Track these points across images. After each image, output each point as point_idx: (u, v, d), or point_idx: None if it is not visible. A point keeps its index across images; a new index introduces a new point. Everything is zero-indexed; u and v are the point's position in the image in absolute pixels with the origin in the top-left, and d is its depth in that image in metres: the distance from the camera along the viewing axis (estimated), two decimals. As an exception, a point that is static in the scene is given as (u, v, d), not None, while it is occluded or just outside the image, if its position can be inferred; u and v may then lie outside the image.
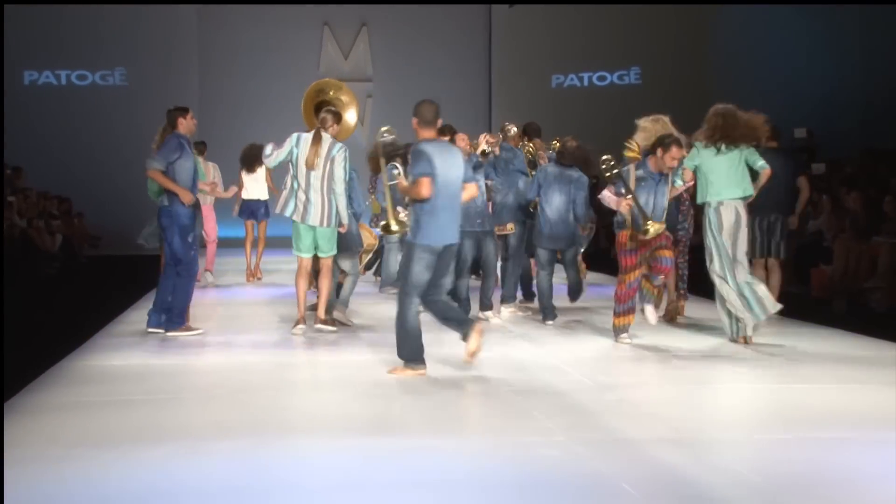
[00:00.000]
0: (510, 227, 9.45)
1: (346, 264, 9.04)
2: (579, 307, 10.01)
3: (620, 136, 8.82)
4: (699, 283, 9.46)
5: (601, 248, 14.85)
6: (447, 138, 8.41)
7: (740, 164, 8.00)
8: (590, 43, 19.86)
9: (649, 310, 8.04)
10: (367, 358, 7.52)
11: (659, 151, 7.85)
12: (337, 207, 8.29)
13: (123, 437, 5.14)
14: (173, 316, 8.34)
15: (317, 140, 8.23)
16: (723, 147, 7.99)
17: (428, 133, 6.73)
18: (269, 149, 8.33)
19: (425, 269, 6.57)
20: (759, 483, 4.35)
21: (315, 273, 8.76)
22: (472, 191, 6.81)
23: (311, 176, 8.20)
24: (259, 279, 13.03)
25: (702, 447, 4.90)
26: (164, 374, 6.84)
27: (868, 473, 4.51)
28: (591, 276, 11.90)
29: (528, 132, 10.22)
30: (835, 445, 4.98)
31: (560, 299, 9.60)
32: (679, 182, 8.04)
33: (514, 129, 9.73)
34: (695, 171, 8.01)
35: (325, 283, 8.43)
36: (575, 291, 9.53)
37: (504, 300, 9.63)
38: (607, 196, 7.96)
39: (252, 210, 13.01)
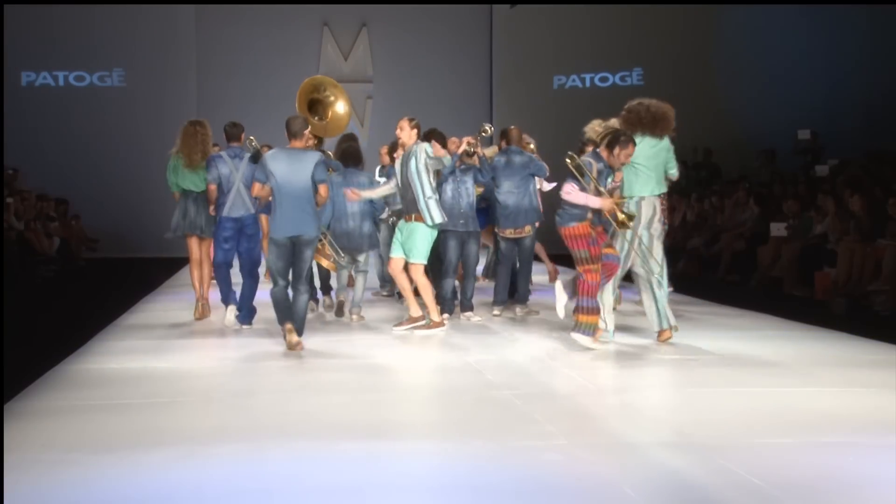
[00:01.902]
0: (528, 230, 9.58)
1: (360, 260, 9.25)
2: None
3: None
4: (683, 281, 9.50)
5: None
6: (430, 142, 8.77)
7: (658, 158, 7.98)
8: (592, 43, 19.85)
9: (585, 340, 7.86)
10: (367, 362, 7.52)
11: (617, 148, 7.76)
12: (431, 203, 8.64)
13: (121, 442, 5.14)
14: (248, 311, 9.09)
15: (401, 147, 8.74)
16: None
17: (294, 143, 7.97)
18: (381, 181, 9.27)
19: (277, 258, 7.90)
20: (763, 488, 4.35)
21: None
22: (322, 192, 7.96)
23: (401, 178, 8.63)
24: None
25: (705, 451, 4.90)
26: (162, 378, 6.84)
27: (872, 478, 4.51)
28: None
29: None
30: (839, 450, 4.98)
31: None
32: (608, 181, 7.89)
33: (489, 129, 9.66)
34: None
35: (425, 289, 8.71)
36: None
37: (518, 301, 9.73)
38: (583, 195, 7.70)
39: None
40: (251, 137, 9.18)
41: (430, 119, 18.23)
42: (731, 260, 13.59)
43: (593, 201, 7.68)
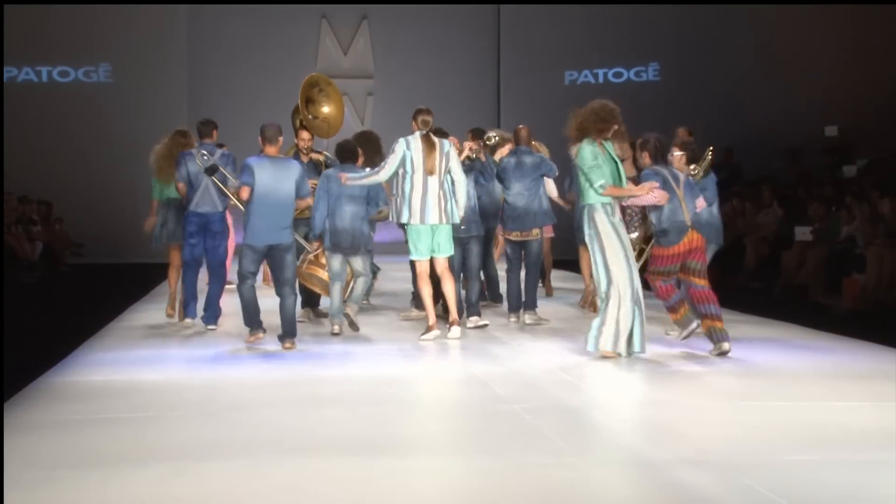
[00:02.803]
0: (535, 233, 9.71)
1: (357, 263, 9.24)
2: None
3: (636, 136, 8.85)
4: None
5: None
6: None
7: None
8: (606, 37, 19.85)
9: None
10: (368, 373, 7.52)
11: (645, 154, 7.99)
12: (455, 202, 8.82)
13: (107, 458, 5.14)
14: (214, 312, 9.50)
15: (430, 144, 8.75)
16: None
17: (269, 150, 8.43)
18: (367, 171, 9.02)
19: (251, 262, 8.39)
20: (788, 507, 4.34)
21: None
22: (310, 202, 8.64)
23: (429, 180, 8.70)
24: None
25: (727, 469, 4.89)
26: (150, 391, 6.85)
27: (904, 497, 4.49)
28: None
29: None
30: (869, 468, 4.96)
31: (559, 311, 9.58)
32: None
33: (494, 137, 9.78)
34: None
35: (451, 286, 8.87)
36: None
37: (527, 307, 9.81)
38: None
39: None
40: (203, 152, 9.39)
41: (435, 116, 18.27)
42: (753, 266, 13.58)
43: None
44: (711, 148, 9.08)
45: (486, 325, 9.48)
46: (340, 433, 5.66)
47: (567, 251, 14.93)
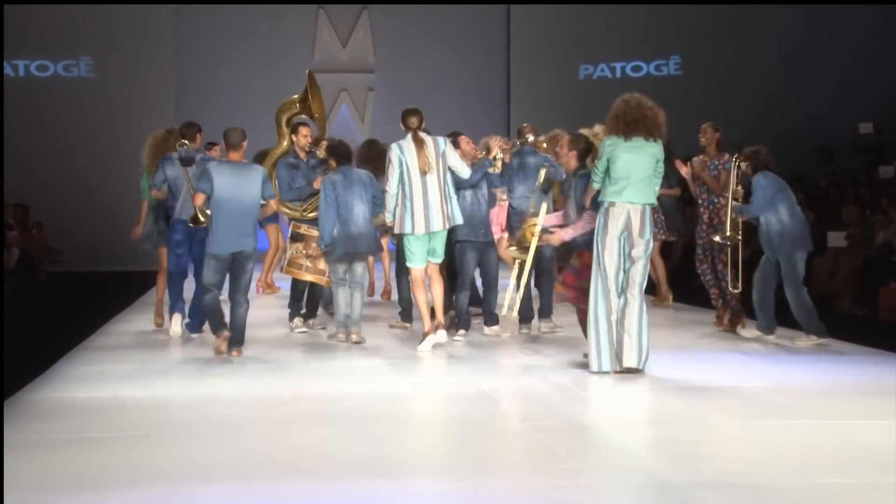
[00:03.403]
0: (544, 239, 9.67)
1: (359, 269, 9.40)
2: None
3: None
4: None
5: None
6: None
7: (648, 163, 7.87)
8: (623, 28, 19.87)
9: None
10: (367, 389, 7.53)
11: None
12: (456, 204, 9.05)
13: (89, 481, 5.15)
14: (199, 320, 9.67)
15: (419, 143, 8.89)
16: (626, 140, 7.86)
17: (232, 155, 8.70)
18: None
19: (214, 272, 8.62)
20: (819, 534, 4.34)
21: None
22: (273, 206, 8.90)
23: (427, 181, 8.85)
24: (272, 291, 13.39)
25: (753, 492, 4.88)
26: (136, 408, 6.86)
27: (944, 523, 4.49)
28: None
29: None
30: (906, 491, 4.96)
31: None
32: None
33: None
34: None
35: (439, 288, 9.04)
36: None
37: (542, 315, 9.95)
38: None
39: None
40: (184, 141, 9.54)
41: (440, 114, 18.25)
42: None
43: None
44: (737, 156, 9.24)
45: (510, 336, 9.62)
46: (338, 453, 5.66)
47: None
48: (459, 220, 9.02)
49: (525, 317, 9.84)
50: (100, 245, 18.48)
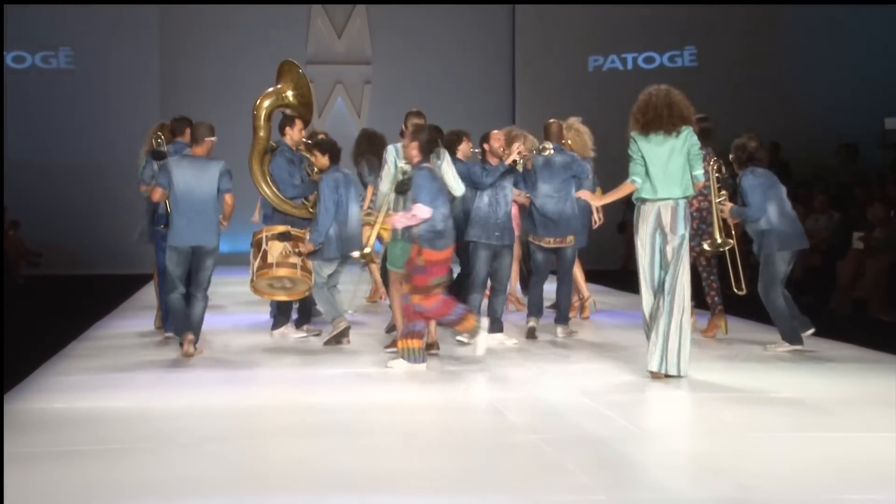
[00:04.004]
0: (570, 240, 10.09)
1: (342, 270, 9.76)
2: (618, 339, 10.03)
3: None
4: (749, 303, 9.52)
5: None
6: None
7: (680, 156, 8.08)
8: (635, 17, 19.87)
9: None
10: (364, 399, 7.54)
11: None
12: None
13: (69, 498, 5.15)
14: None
15: None
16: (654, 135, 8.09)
17: (196, 150, 9.15)
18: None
19: (176, 265, 9.08)
20: (844, 553, 4.34)
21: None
22: (228, 201, 9.11)
23: None
24: None
25: (773, 509, 4.89)
26: (118, 419, 6.86)
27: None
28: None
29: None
30: (936, 507, 4.96)
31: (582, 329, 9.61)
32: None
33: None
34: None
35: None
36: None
37: (559, 321, 10.24)
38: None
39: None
40: (159, 133, 9.96)
41: (441, 108, 18.26)
42: (803, 277, 13.57)
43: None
44: None
45: (515, 344, 9.76)
46: (334, 467, 5.66)
47: (606, 259, 14.98)
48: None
49: (533, 311, 10.15)
50: (80, 247, 18.50)
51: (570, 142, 10.61)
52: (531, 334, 10.01)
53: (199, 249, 9.07)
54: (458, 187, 9.18)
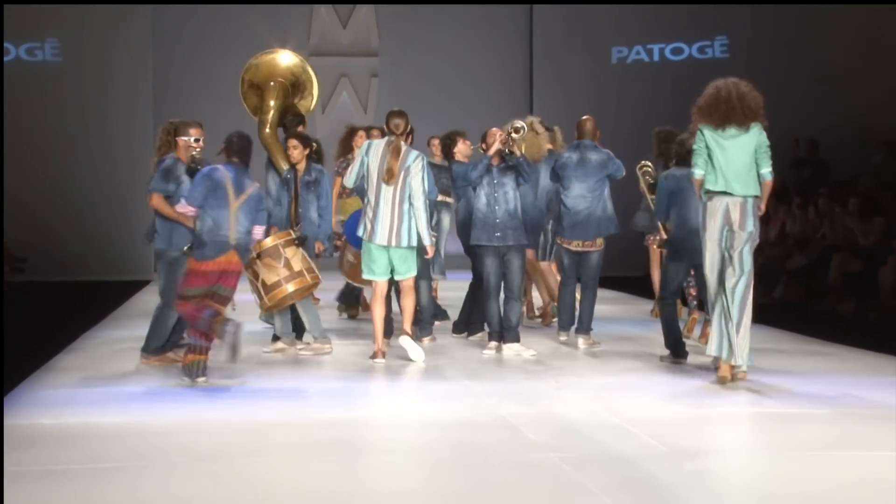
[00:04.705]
0: (599, 243, 10.25)
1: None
2: (643, 351, 10.03)
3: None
4: (784, 311, 9.50)
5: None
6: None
7: (749, 152, 8.39)
8: (662, 6, 19.83)
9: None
10: (369, 414, 7.56)
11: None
12: (414, 224, 9.42)
13: (57, 518, 5.18)
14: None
15: (395, 150, 9.37)
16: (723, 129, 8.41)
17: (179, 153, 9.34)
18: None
19: None
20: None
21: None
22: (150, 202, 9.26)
23: (382, 189, 9.35)
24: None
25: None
26: (108, 436, 6.88)
27: None
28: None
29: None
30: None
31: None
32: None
33: (521, 129, 10.00)
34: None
35: (409, 302, 9.66)
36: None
37: (580, 330, 10.31)
38: None
39: None
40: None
41: (453, 103, 18.29)
42: (843, 285, 13.55)
43: None
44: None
45: (533, 355, 9.76)
46: (336, 487, 5.68)
47: (634, 265, 14.99)
48: (414, 242, 9.42)
49: (565, 323, 10.39)
50: (68, 252, 18.48)
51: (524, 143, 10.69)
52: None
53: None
54: (429, 190, 9.51)
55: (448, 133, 10.29)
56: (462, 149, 10.23)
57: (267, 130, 11.12)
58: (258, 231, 8.86)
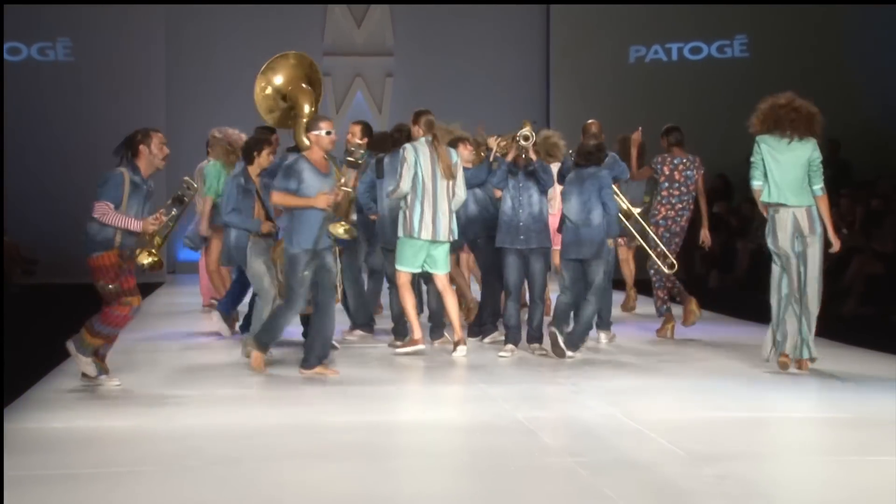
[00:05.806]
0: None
1: None
2: (667, 348, 10.01)
3: (721, 125, 8.96)
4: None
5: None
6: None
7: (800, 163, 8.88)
8: (680, 5, 19.79)
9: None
10: (385, 418, 7.55)
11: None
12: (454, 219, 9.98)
13: (67, 522, 5.18)
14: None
15: (440, 148, 9.83)
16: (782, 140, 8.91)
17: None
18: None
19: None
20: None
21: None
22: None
23: (438, 187, 9.75)
24: None
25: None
26: (118, 441, 6.89)
27: None
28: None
29: None
30: None
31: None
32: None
33: (529, 132, 10.05)
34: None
35: (453, 301, 10.00)
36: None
37: (601, 327, 10.67)
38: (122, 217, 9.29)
39: None
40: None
41: (468, 103, 18.24)
42: (864, 288, 13.49)
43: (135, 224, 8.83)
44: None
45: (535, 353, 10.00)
46: (350, 492, 5.67)
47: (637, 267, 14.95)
48: (457, 235, 10.00)
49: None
50: (79, 253, 18.44)
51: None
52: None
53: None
54: (462, 190, 9.87)
55: (451, 139, 10.42)
56: (464, 154, 10.37)
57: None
58: None
